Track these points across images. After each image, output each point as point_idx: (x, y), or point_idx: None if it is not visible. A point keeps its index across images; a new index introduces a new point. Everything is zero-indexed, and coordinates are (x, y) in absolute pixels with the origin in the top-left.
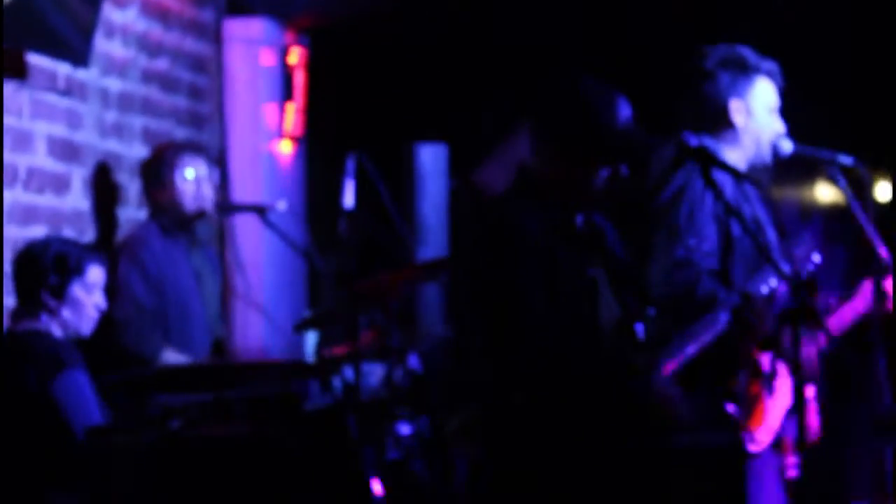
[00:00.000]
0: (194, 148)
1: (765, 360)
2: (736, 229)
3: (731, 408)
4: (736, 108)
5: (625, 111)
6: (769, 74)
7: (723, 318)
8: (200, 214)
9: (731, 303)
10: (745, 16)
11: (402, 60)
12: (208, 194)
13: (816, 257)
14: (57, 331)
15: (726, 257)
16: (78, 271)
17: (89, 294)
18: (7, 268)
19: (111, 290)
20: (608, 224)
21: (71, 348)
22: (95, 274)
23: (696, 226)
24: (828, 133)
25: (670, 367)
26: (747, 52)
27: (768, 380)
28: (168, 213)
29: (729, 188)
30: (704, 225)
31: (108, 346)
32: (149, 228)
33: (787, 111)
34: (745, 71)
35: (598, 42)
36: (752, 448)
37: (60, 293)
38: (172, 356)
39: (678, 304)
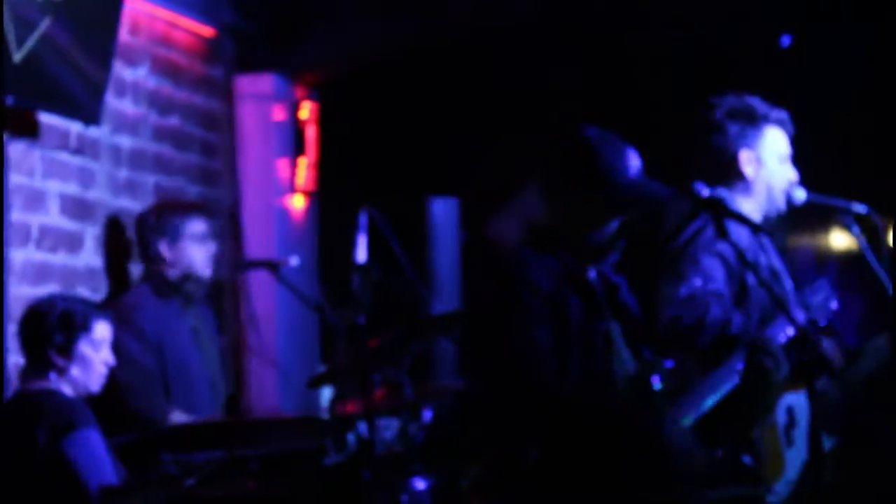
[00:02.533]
0: (198, 206)
1: (781, 410)
2: (751, 279)
3: (748, 459)
4: (746, 159)
5: (634, 162)
6: (779, 123)
7: (739, 367)
8: (195, 277)
9: (747, 341)
10: (755, 64)
11: (413, 114)
12: (215, 250)
13: (834, 305)
14: (67, 389)
15: (742, 306)
16: (84, 328)
17: (97, 351)
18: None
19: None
20: (622, 278)
21: (83, 408)
22: (102, 330)
23: (703, 268)
24: (841, 181)
25: (685, 418)
26: (756, 102)
27: (786, 430)
28: (166, 273)
29: (745, 238)
30: (713, 268)
31: (117, 410)
32: (141, 292)
33: (800, 159)
34: (753, 121)
35: (606, 94)
36: (771, 500)
37: (68, 351)
38: (180, 417)
39: (689, 338)
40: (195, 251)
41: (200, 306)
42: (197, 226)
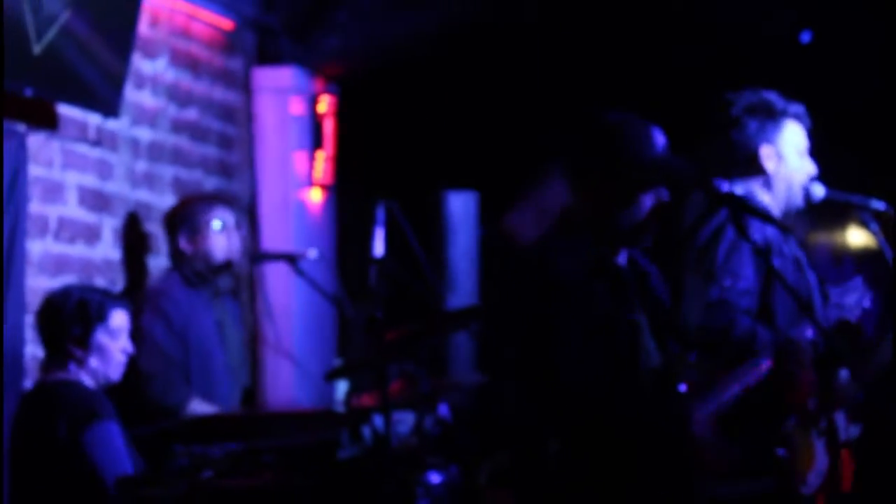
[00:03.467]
0: (223, 199)
1: (812, 402)
2: (777, 266)
3: (781, 451)
4: (767, 154)
5: (659, 139)
6: (797, 117)
7: (765, 364)
8: (227, 266)
9: (774, 347)
10: (774, 59)
11: (431, 108)
12: (235, 245)
13: (867, 302)
14: (87, 380)
15: (768, 295)
16: (100, 318)
17: (114, 340)
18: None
19: (136, 342)
20: (654, 268)
21: (103, 399)
22: (119, 318)
23: (732, 266)
24: (860, 178)
25: (710, 412)
26: (773, 97)
27: (816, 422)
28: (192, 264)
29: (770, 229)
30: (740, 265)
31: (136, 398)
32: (171, 279)
33: (819, 156)
34: (772, 116)
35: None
36: (805, 491)
37: (85, 342)
38: (199, 406)
39: (715, 344)
40: (216, 242)
41: (227, 299)
42: (219, 216)
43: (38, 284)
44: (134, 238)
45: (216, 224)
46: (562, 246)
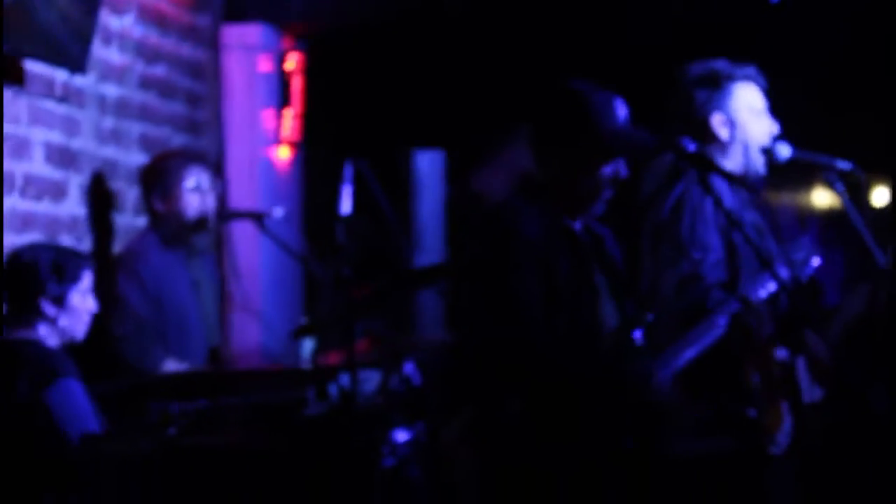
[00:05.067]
0: (198, 157)
1: (778, 361)
2: (738, 236)
3: (752, 411)
4: (718, 122)
5: (622, 110)
6: (746, 79)
7: (720, 322)
8: (202, 224)
9: (730, 308)
10: (739, 22)
11: (400, 66)
12: (211, 204)
13: (816, 261)
14: (52, 339)
15: (732, 264)
16: (75, 279)
17: (84, 300)
18: None
19: (110, 304)
20: (607, 231)
21: (64, 358)
22: (88, 279)
23: (699, 238)
24: (825, 137)
25: (669, 370)
26: (720, 65)
27: (783, 381)
28: (168, 223)
29: (728, 196)
30: (707, 236)
31: (110, 361)
32: (147, 240)
33: (783, 115)
34: (718, 84)
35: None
36: (774, 451)
37: (61, 301)
38: (173, 366)
39: (689, 317)
40: (189, 201)
41: (205, 258)
42: (193, 175)
43: (6, 242)
44: (100, 195)
45: (190, 183)
46: (524, 208)
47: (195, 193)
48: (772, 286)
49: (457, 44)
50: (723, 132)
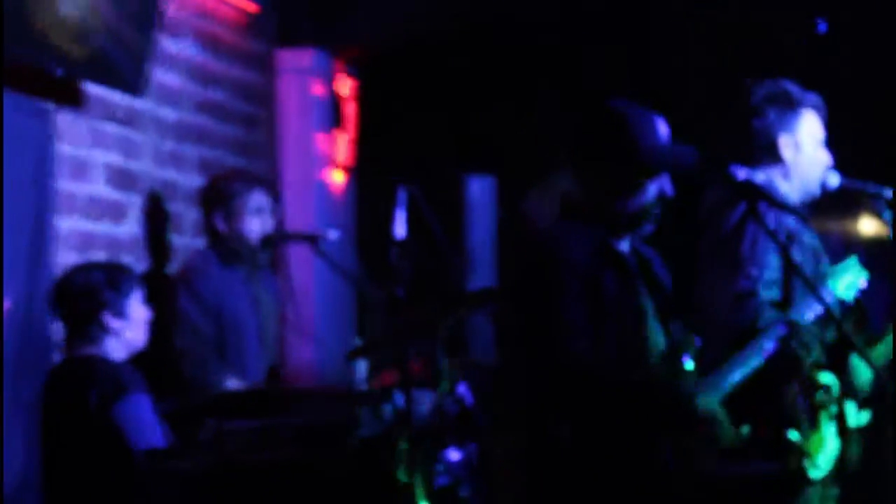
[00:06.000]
0: (261, 180)
1: (823, 386)
2: (797, 256)
3: (793, 434)
4: (785, 143)
5: (662, 128)
6: (814, 107)
7: (767, 346)
8: (263, 245)
9: (777, 332)
10: (791, 47)
11: (452, 92)
12: (270, 226)
13: (863, 283)
14: (117, 352)
15: (787, 284)
16: (130, 290)
17: (140, 309)
18: None
19: (172, 321)
20: (655, 254)
21: (132, 372)
22: (139, 289)
23: (758, 256)
24: (873, 166)
25: (716, 393)
26: (792, 87)
27: (826, 405)
28: (229, 243)
29: (789, 219)
30: (766, 254)
31: (172, 376)
32: (206, 257)
33: (834, 144)
34: (791, 106)
35: (641, 73)
36: (815, 474)
37: (122, 313)
38: (233, 384)
39: (742, 334)
40: (251, 224)
41: (266, 275)
42: (257, 199)
43: (66, 261)
44: (159, 216)
45: (253, 205)
46: (570, 231)
47: (257, 215)
48: (818, 309)
49: (508, 70)
50: (788, 154)
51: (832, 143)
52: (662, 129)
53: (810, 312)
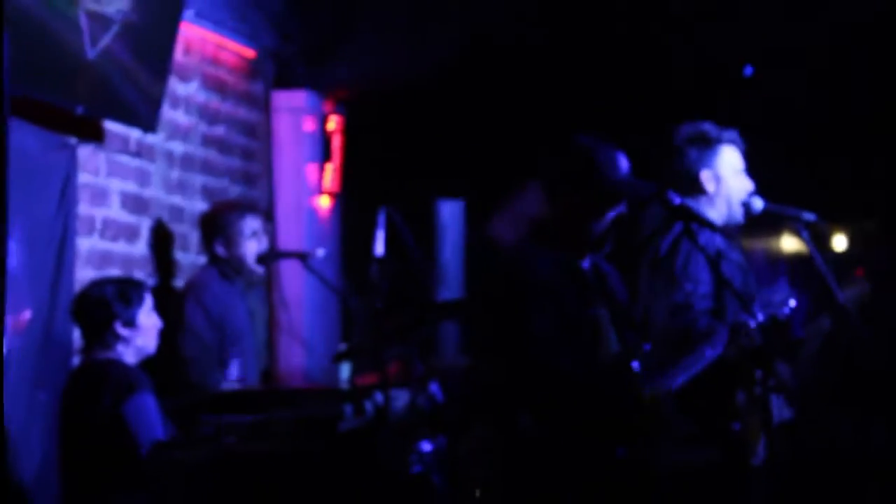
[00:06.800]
0: (251, 207)
1: (758, 381)
2: (726, 271)
3: (736, 425)
4: (707, 178)
5: (623, 163)
6: (731, 142)
7: (709, 353)
8: (259, 261)
9: (721, 337)
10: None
11: (425, 126)
12: (264, 246)
13: (792, 302)
14: (130, 357)
15: (719, 296)
16: (140, 301)
17: (150, 317)
18: None
19: (178, 329)
20: (612, 269)
21: (140, 373)
22: (149, 300)
23: (692, 273)
24: (793, 193)
25: (665, 390)
26: (708, 127)
27: (761, 398)
28: (229, 265)
29: (718, 238)
30: (698, 271)
31: (177, 379)
32: (210, 274)
33: (758, 172)
34: (709, 144)
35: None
36: (755, 462)
37: (132, 322)
38: (230, 386)
39: (680, 340)
40: (248, 247)
41: (257, 290)
42: (250, 224)
43: (85, 276)
44: (168, 237)
45: (248, 231)
46: (537, 251)
47: (253, 238)
48: (752, 323)
49: (474, 107)
50: (710, 186)
51: (757, 171)
52: (623, 163)
53: (752, 320)
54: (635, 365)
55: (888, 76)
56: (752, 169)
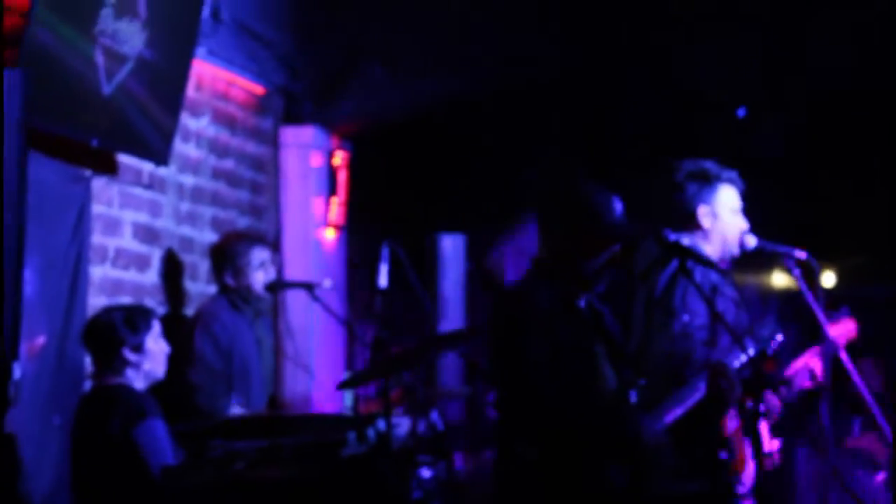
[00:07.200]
0: (259, 238)
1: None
2: (720, 305)
3: (723, 454)
4: (703, 213)
5: (618, 206)
6: (730, 181)
7: (702, 386)
8: (267, 290)
9: (708, 367)
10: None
11: (429, 163)
12: (271, 278)
13: (780, 337)
14: (139, 383)
15: (713, 330)
16: (147, 328)
17: (158, 343)
18: None
19: (188, 357)
20: (607, 308)
21: (150, 399)
22: (157, 326)
23: (689, 305)
24: (784, 231)
25: (660, 424)
26: (710, 165)
27: (747, 429)
28: (238, 294)
29: (713, 274)
30: (695, 304)
31: (185, 406)
32: (219, 303)
33: (753, 212)
34: (708, 181)
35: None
36: (740, 491)
37: (140, 348)
38: (238, 411)
39: (679, 367)
40: (256, 277)
41: (265, 320)
42: (258, 255)
43: (97, 304)
44: (178, 266)
45: (256, 262)
46: (537, 288)
47: (261, 269)
48: (743, 357)
49: (474, 144)
50: (706, 222)
51: (752, 211)
52: (617, 206)
53: (737, 361)
54: (632, 397)
55: (878, 117)
56: (748, 209)
